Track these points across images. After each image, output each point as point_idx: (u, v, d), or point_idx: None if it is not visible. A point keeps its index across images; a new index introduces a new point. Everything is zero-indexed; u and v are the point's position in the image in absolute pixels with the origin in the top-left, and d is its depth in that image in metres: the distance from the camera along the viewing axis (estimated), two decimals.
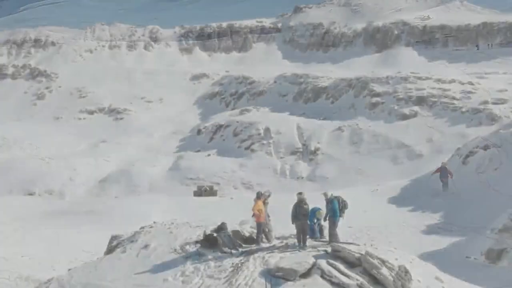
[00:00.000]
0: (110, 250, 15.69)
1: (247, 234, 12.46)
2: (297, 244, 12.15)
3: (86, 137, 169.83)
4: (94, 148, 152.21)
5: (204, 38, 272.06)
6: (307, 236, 12.28)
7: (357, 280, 9.06)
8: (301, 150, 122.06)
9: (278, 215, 49.20)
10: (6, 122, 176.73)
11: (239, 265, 10.99)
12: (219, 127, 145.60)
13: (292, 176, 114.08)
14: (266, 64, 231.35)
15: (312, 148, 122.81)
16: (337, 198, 11.91)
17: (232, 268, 10.90)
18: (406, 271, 9.62)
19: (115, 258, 14.08)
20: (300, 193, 12.71)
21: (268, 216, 13.84)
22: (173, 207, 61.17)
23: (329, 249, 10.28)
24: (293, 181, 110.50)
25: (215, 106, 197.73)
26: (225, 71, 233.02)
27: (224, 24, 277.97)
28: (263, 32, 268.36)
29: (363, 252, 9.50)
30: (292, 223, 12.61)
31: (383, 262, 9.50)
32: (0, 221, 44.32)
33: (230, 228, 13.96)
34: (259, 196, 13.30)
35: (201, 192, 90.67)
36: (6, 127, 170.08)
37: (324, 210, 12.54)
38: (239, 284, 9.78)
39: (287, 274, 9.63)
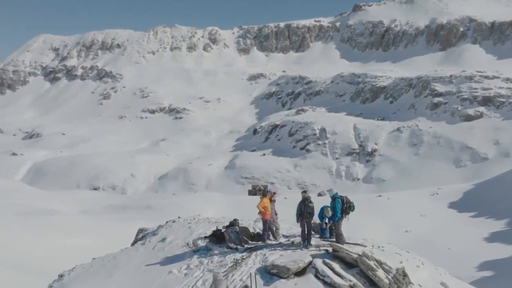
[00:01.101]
0: (135, 241, 16.44)
1: (255, 231, 12.59)
2: (301, 242, 12.09)
3: (147, 135, 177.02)
4: (154, 146, 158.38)
5: (262, 38, 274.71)
6: (318, 236, 12.12)
7: (349, 281, 8.84)
8: (357, 151, 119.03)
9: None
10: (74, 121, 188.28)
11: (240, 261, 11.09)
12: (275, 127, 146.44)
13: (347, 177, 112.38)
14: (323, 63, 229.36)
15: (369, 149, 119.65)
16: (342, 198, 11.64)
17: (232, 264, 11.02)
18: (405, 275, 9.29)
19: (134, 250, 14.78)
20: (305, 192, 12.49)
21: (276, 214, 13.73)
22: (227, 205, 62.14)
23: (330, 249, 10.17)
24: (349, 182, 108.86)
25: (271, 106, 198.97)
26: (282, 71, 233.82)
27: (282, 24, 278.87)
28: (321, 31, 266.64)
29: (361, 253, 9.35)
30: (297, 222, 12.47)
31: (380, 264, 9.22)
32: (67, 213, 47.21)
33: (246, 225, 14.13)
34: (265, 193, 13.25)
35: (255, 191, 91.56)
36: (74, 126, 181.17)
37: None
38: (234, 279, 9.93)
39: (281, 272, 9.60)
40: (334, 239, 12.19)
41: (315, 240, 12.38)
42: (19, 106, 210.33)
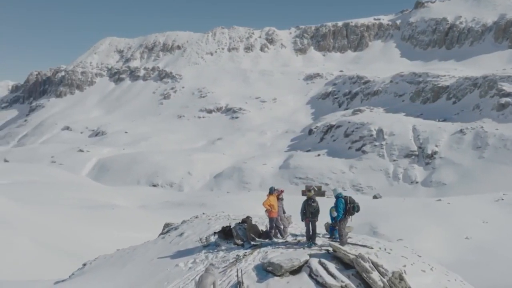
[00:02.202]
0: (160, 235, 16.96)
1: (264, 229, 12.56)
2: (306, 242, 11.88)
3: (204, 134, 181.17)
4: (210, 145, 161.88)
5: (319, 38, 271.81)
6: (328, 235, 11.82)
7: (342, 282, 8.61)
8: (416, 153, 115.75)
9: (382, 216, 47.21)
10: (136, 119, 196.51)
11: (241, 257, 11.14)
12: (330, 127, 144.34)
13: (405, 180, 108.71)
14: (382, 62, 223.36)
15: (429, 152, 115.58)
16: (345, 198, 11.24)
17: (233, 259, 11.10)
18: (401, 278, 8.92)
19: (153, 243, 15.31)
20: (309, 191, 12.26)
21: (284, 212, 13.51)
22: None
23: (331, 249, 9.90)
24: (406, 186, 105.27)
25: (327, 106, 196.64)
26: (339, 71, 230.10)
27: (340, 23, 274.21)
28: (380, 30, 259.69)
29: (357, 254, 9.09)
30: (302, 221, 12.24)
31: (376, 266, 8.88)
32: (126, 207, 49.50)
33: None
34: (271, 191, 13.06)
35: (309, 191, 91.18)
36: (136, 124, 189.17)
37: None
38: (231, 275, 10.01)
39: (275, 269, 9.56)
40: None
41: (322, 240, 12.24)
42: (86, 106, 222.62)
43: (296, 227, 13.80)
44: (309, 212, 11.74)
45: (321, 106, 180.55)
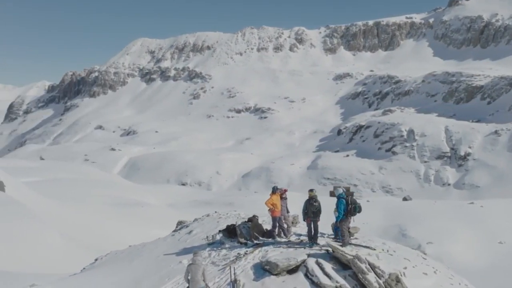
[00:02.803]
0: (172, 232, 17.17)
1: (269, 228, 12.55)
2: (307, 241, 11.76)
3: (233, 134, 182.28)
4: (239, 145, 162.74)
5: (349, 37, 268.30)
6: (333, 235, 11.64)
7: (337, 282, 8.50)
8: (448, 154, 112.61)
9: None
10: (166, 119, 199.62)
11: (242, 255, 11.16)
12: (360, 127, 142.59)
13: (436, 182, 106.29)
14: (414, 62, 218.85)
15: (462, 153, 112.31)
16: (347, 198, 10.98)
17: (234, 258, 11.13)
18: (398, 280, 8.74)
19: (163, 240, 15.57)
20: (311, 190, 12.03)
21: (288, 212, 13.36)
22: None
23: (331, 249, 9.78)
24: (438, 188, 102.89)
25: (357, 106, 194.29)
26: (370, 71, 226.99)
27: (371, 22, 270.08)
28: (412, 29, 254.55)
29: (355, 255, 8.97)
30: (304, 220, 12.09)
31: (373, 267, 8.71)
32: (155, 206, 50.45)
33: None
34: (274, 190, 12.92)
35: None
36: (166, 124, 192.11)
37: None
38: (228, 272, 10.10)
39: (271, 268, 9.55)
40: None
41: (325, 240, 12.13)
42: (119, 105, 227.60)
43: (304, 227, 13.76)
44: (311, 212, 11.68)
45: (351, 106, 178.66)
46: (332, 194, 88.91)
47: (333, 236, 12.39)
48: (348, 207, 11.25)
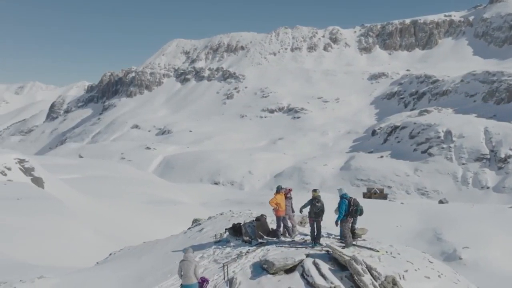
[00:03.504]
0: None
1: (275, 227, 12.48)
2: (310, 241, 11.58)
3: (266, 134, 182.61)
4: (272, 145, 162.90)
5: (385, 36, 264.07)
6: (338, 237, 11.40)
7: (331, 283, 8.33)
8: (488, 156, 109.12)
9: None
10: (200, 119, 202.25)
11: (244, 254, 11.10)
12: (395, 128, 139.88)
13: (475, 185, 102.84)
14: (452, 61, 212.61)
15: (502, 155, 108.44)
16: (350, 199, 10.69)
17: (235, 256, 11.10)
18: (394, 283, 8.47)
19: (174, 237, 15.75)
20: (315, 190, 11.82)
21: (293, 211, 13.15)
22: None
23: (331, 250, 9.64)
24: (476, 191, 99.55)
25: (392, 106, 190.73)
26: (406, 70, 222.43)
27: (408, 21, 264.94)
28: (451, 27, 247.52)
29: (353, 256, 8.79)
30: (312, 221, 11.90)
31: (370, 269, 8.51)
32: (187, 204, 51.26)
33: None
34: (278, 190, 12.75)
35: (370, 194, 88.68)
36: (200, 123, 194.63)
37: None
38: (226, 271, 10.10)
39: (268, 267, 9.49)
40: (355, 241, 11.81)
41: (330, 240, 11.97)
42: (154, 105, 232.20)
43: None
44: (313, 212, 11.57)
45: (386, 107, 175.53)
46: (365, 196, 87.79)
47: (338, 237, 12.32)
48: (350, 208, 11.15)
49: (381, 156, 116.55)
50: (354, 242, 11.53)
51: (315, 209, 11.31)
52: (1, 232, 19.02)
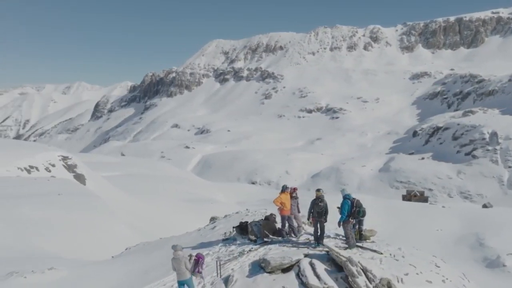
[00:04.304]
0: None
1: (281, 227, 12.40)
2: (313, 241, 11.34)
3: (304, 134, 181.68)
4: (309, 145, 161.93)
5: (428, 35, 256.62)
6: (343, 238, 11.06)
7: (325, 284, 8.13)
8: None
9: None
10: (238, 118, 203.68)
11: (245, 252, 11.03)
12: (437, 129, 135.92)
13: None
14: (500, 60, 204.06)
15: None
16: (353, 200, 10.33)
17: (237, 254, 11.05)
18: (389, 286, 8.18)
19: (188, 235, 15.96)
20: (318, 190, 11.51)
21: (299, 211, 12.88)
22: (377, 208, 60.36)
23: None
24: None
25: (435, 106, 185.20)
26: (450, 69, 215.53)
27: (452, 18, 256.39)
28: (499, 24, 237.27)
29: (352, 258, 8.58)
30: (308, 220, 11.64)
31: (365, 271, 8.26)
32: (224, 203, 51.91)
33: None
34: (283, 189, 12.53)
35: (410, 196, 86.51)
36: (238, 123, 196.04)
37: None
38: (227, 268, 10.06)
39: (265, 266, 9.42)
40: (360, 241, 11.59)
41: (335, 241, 11.78)
42: (194, 105, 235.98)
43: (330, 227, 13.48)
44: (316, 212, 11.44)
45: (428, 107, 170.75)
46: (404, 198, 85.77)
47: (344, 238, 12.20)
48: (352, 209, 11.02)
49: (422, 158, 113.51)
50: (360, 244, 11.44)
51: (318, 209, 11.26)
52: (37, 225, 20.06)
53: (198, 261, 9.42)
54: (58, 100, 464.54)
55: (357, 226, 12.12)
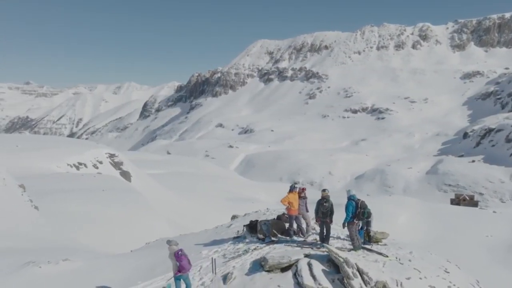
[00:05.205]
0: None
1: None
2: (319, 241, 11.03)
3: (348, 134, 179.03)
4: (354, 146, 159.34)
5: (481, 32, 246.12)
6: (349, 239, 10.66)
7: (319, 284, 7.87)
8: None
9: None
10: (282, 118, 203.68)
11: (249, 251, 10.89)
12: (489, 131, 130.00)
13: None
14: None
15: None
16: (357, 201, 9.85)
17: (242, 252, 10.94)
18: None
19: (205, 231, 16.05)
20: (323, 190, 11.11)
21: (307, 211, 12.52)
22: (423, 212, 58.57)
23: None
24: None
25: (487, 107, 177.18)
26: (504, 68, 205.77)
27: (508, 15, 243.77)
28: None
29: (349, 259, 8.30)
30: (316, 220, 11.28)
31: (361, 273, 7.92)
32: (264, 202, 52.13)
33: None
34: (291, 189, 12.21)
35: (459, 200, 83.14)
36: (281, 123, 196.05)
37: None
38: (229, 265, 9.96)
39: (264, 264, 9.26)
40: (369, 243, 11.25)
41: (341, 242, 11.48)
42: (238, 105, 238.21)
43: (339, 229, 13.22)
44: (320, 212, 11.27)
45: (480, 108, 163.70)
46: (452, 202, 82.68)
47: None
48: (357, 210, 10.81)
49: (473, 161, 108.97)
50: (369, 246, 11.28)
51: (323, 209, 11.19)
52: (78, 219, 21.09)
53: (179, 257, 9.58)
54: (109, 100, 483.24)
55: (365, 228, 12.00)
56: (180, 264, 9.43)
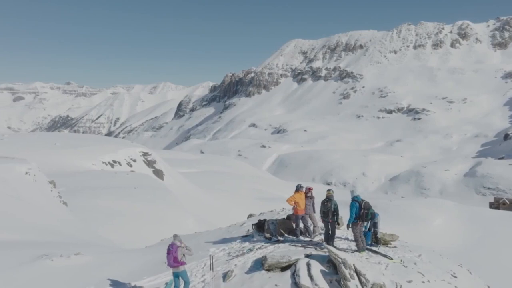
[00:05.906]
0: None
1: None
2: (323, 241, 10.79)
3: (383, 135, 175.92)
4: (388, 147, 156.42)
5: None
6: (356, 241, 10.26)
7: (316, 285, 7.65)
8: None
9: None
10: (315, 118, 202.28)
11: (253, 250, 10.79)
12: None
13: None
14: None
15: None
16: (361, 202, 9.45)
17: (246, 251, 10.87)
18: None
19: (219, 230, 16.07)
20: (328, 190, 10.77)
21: (314, 211, 12.23)
22: (460, 216, 56.84)
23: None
24: None
25: None
26: None
27: None
28: None
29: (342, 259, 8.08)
30: (322, 221, 11.01)
31: (359, 275, 7.63)
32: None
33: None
34: (298, 189, 11.96)
35: (498, 204, 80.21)
36: (314, 123, 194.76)
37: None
38: (231, 263, 9.90)
39: (264, 263, 9.14)
40: (376, 244, 10.98)
41: (347, 243, 11.25)
42: (271, 105, 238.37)
43: (346, 230, 13.05)
44: (322, 212, 11.14)
45: None
46: (491, 206, 79.90)
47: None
48: (360, 211, 10.62)
49: None
50: (376, 248, 11.15)
51: (324, 209, 11.11)
52: (108, 215, 21.76)
53: (173, 250, 9.72)
54: (146, 99, 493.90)
55: (372, 229, 11.89)
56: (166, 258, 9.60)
